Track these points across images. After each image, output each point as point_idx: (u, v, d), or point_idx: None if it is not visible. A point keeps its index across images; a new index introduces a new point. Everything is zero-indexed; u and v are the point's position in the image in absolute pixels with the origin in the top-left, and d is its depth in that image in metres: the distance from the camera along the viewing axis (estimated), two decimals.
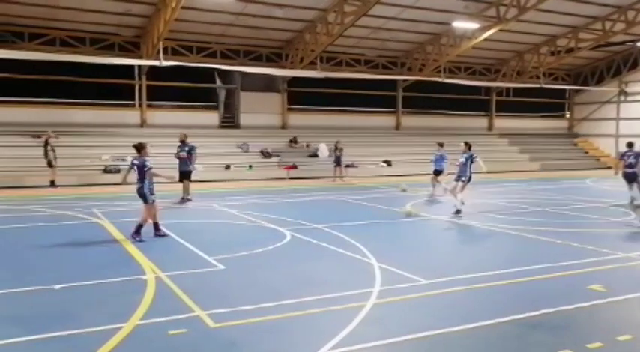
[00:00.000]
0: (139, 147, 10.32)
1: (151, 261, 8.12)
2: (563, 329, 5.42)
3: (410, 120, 31.55)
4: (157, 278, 7.17)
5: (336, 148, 23.34)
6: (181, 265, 7.89)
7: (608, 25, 26.11)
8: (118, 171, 21.32)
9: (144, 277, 7.25)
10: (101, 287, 6.87)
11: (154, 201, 10.11)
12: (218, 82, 27.92)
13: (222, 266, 7.87)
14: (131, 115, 25.19)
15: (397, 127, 31.26)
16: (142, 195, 10.08)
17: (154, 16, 21.53)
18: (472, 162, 13.32)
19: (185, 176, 15.73)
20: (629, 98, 32.84)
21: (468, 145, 13.73)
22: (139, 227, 9.91)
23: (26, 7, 20.26)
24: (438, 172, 17.03)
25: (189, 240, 9.68)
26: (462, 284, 6.92)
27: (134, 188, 10.19)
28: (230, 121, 27.61)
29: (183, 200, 15.46)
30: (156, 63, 22.15)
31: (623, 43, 28.29)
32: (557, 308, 5.95)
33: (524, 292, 6.70)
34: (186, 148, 16.05)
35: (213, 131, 26.56)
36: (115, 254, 8.85)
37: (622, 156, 14.23)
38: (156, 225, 10.27)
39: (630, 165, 13.69)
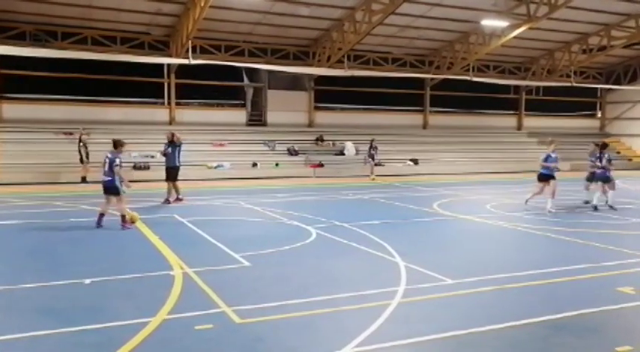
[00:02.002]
0: (117, 144, 10.99)
1: (178, 256, 8.27)
2: (591, 331, 5.34)
3: (437, 119, 31.29)
4: (184, 274, 7.29)
5: (372, 146, 23.29)
6: (208, 261, 8.01)
7: None
8: (147, 168, 21.73)
9: (171, 273, 7.39)
10: (130, 282, 7.03)
11: (124, 192, 10.92)
12: (245, 80, 28.15)
13: (248, 263, 7.96)
14: (160, 113, 25.60)
15: (424, 126, 31.03)
16: (113, 188, 10.80)
17: (183, 15, 21.83)
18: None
19: (172, 175, 14.71)
20: None
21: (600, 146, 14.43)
22: (123, 217, 10.75)
23: (63, 7, 20.80)
24: (546, 177, 14.09)
25: (215, 237, 9.81)
26: (488, 285, 6.87)
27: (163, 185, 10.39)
28: (257, 119, 27.81)
29: (168, 201, 14.46)
30: (185, 61, 22.48)
31: None
32: (584, 311, 5.87)
33: (551, 293, 6.62)
34: (175, 146, 14.83)
35: (241, 129, 26.81)
36: (143, 250, 9.02)
37: None
38: (123, 217, 10.83)
39: None
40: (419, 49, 28.34)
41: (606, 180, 14.33)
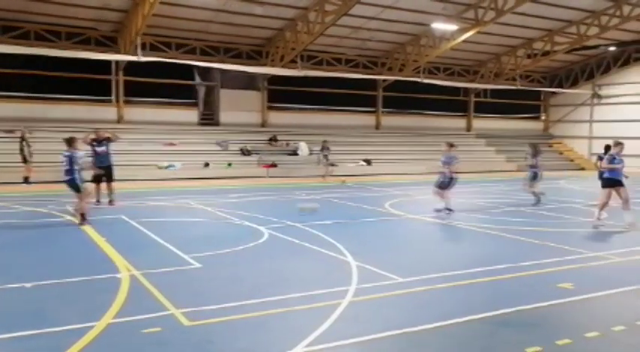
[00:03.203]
0: (71, 140, 11.00)
1: (125, 259, 8.05)
2: (533, 326, 5.54)
3: (390, 120, 31.76)
4: (132, 277, 7.11)
5: (324, 147, 23.41)
6: (157, 263, 7.83)
7: (582, 29, 26.65)
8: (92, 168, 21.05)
9: (118, 275, 7.19)
10: (73, 286, 6.79)
11: (85, 188, 11.00)
12: (197, 79, 27.74)
13: (198, 264, 7.84)
14: (108, 111, 24.89)
15: (377, 127, 31.43)
16: (74, 186, 10.81)
17: (132, 11, 21.28)
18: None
19: (109, 174, 14.20)
20: (603, 101, 33.55)
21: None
22: (82, 215, 10.84)
23: None
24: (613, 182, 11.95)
25: (165, 238, 9.61)
26: (437, 283, 7.01)
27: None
28: (209, 119, 27.45)
29: (109, 202, 13.95)
30: (134, 58, 21.93)
31: (596, 46, 28.86)
32: (527, 306, 6.07)
33: (497, 290, 6.82)
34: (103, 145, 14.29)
35: (192, 128, 26.40)
36: (88, 252, 8.74)
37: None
38: (82, 216, 10.81)
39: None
40: (371, 51, 28.68)
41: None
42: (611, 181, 11.45)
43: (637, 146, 31.29)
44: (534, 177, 15.27)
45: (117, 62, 24.30)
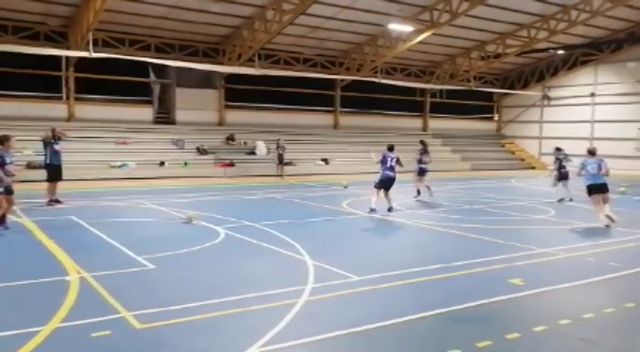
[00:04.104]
0: (3, 140, 10.21)
1: (74, 261, 7.79)
2: (485, 321, 5.67)
3: (348, 120, 31.95)
4: (81, 279, 6.89)
5: (278, 146, 23.35)
6: (108, 265, 7.61)
7: (532, 32, 27.51)
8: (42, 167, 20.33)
9: (67, 278, 6.95)
10: (20, 289, 6.53)
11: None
12: (152, 77, 27.16)
13: (151, 266, 7.67)
14: (58, 109, 24.05)
15: (335, 126, 31.56)
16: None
17: (83, 5, 20.62)
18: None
19: (59, 174, 13.94)
20: (552, 102, 34.71)
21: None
22: (3, 217, 10.11)
23: None
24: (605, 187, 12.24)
25: (117, 239, 9.37)
26: (392, 281, 7.09)
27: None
28: (165, 117, 26.93)
29: (52, 202, 13.57)
30: (85, 54, 21.23)
31: (546, 50, 29.85)
32: (479, 302, 6.21)
33: (450, 287, 6.95)
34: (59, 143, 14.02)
35: (147, 126, 25.84)
36: (36, 254, 8.42)
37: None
38: (2, 217, 10.20)
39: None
40: (329, 51, 28.77)
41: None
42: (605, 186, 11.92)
43: (582, 146, 32.59)
44: (421, 172, 16.54)
45: (67, 58, 23.53)
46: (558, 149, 17.04)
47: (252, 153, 26.20)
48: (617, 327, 5.71)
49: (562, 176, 16.23)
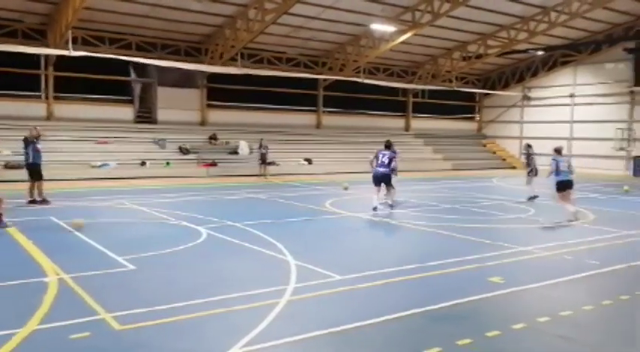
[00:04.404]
0: None
1: (53, 262, 7.68)
2: (465, 319, 5.72)
3: (330, 120, 32.00)
4: (60, 281, 6.79)
5: (261, 146, 23.28)
6: (88, 266, 7.52)
7: (513, 33, 27.82)
8: (22, 167, 20.00)
9: (45, 279, 6.85)
10: None
11: None
12: (133, 75, 26.90)
13: (132, 267, 7.60)
14: (37, 107, 23.70)
15: (318, 126, 31.58)
16: None
17: (61, 3, 20.35)
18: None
19: (39, 173, 13.83)
20: (532, 103, 35.14)
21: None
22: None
23: None
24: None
25: (97, 240, 9.26)
26: (374, 280, 7.12)
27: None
28: (146, 116, 26.68)
29: (35, 201, 13.51)
30: (64, 52, 20.95)
31: (526, 51, 30.21)
32: (460, 300, 6.27)
33: (430, 285, 7.00)
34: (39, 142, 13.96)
35: (128, 126, 25.59)
36: (14, 256, 8.28)
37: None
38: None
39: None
40: (312, 50, 28.77)
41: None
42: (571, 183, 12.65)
43: (564, 146, 33.12)
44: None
45: (46, 56, 23.19)
46: (529, 146, 17.37)
47: (235, 152, 26.10)
48: (594, 324, 5.81)
49: (529, 172, 16.47)
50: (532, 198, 16.11)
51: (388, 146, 14.02)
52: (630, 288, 6.97)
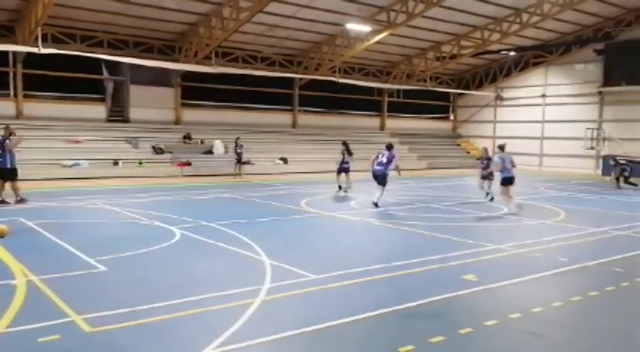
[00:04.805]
0: None
1: (22, 263, 7.50)
2: (438, 317, 5.77)
3: (306, 119, 31.98)
4: (29, 283, 6.64)
5: (237, 145, 23.10)
6: (57, 267, 7.37)
7: (486, 34, 28.21)
8: None
9: (13, 282, 6.68)
10: None
11: None
12: (105, 74, 26.45)
13: (103, 268, 7.47)
14: (5, 106, 23.12)
15: (293, 125, 31.53)
16: None
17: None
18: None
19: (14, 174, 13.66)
20: (505, 103, 35.68)
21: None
22: None
23: None
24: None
25: (68, 241, 9.07)
26: (349, 279, 7.13)
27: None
28: (118, 115, 26.26)
29: (4, 202, 13.33)
30: (34, 50, 20.44)
31: (498, 51, 30.67)
32: (434, 298, 6.33)
33: (405, 284, 7.05)
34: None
35: (100, 125, 25.17)
36: None
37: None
38: None
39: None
40: (288, 49, 28.70)
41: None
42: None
43: (533, 145, 33.76)
44: (341, 171, 17.12)
45: (15, 53, 22.64)
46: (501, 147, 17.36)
47: (210, 152, 25.88)
48: (564, 320, 5.92)
49: (488, 175, 16.14)
50: (490, 197, 15.87)
51: (389, 148, 14.86)
52: (599, 284, 7.12)
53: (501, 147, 14.45)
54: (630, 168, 21.65)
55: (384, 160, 14.40)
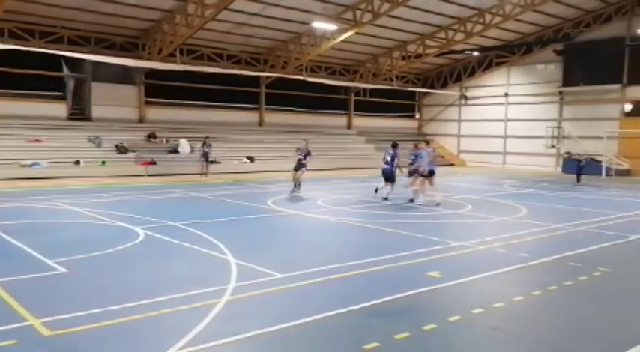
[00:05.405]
0: None
1: None
2: (403, 313, 5.84)
3: (273, 117, 31.87)
4: None
5: (204, 143, 22.81)
6: (15, 270, 7.14)
7: (450, 34, 28.65)
8: None
9: None
10: None
11: None
12: (66, 71, 25.77)
13: (64, 270, 7.28)
14: None
15: (260, 124, 31.38)
16: None
17: None
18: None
19: None
20: (469, 102, 36.33)
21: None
22: None
23: None
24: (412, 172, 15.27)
25: (26, 242, 8.81)
26: (314, 277, 7.14)
27: None
28: (80, 113, 25.64)
29: None
30: None
31: (462, 51, 31.20)
32: (399, 295, 6.39)
33: (370, 281, 7.10)
34: None
35: (61, 123, 24.53)
36: None
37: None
38: None
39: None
40: (254, 47, 28.54)
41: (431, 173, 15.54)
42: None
43: (497, 143, 34.48)
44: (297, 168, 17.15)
45: None
46: (427, 142, 17.65)
47: (175, 151, 25.52)
48: (524, 314, 6.06)
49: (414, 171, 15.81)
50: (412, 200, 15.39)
51: (394, 146, 15.73)
52: (558, 279, 7.32)
53: (427, 142, 15.70)
54: (584, 165, 22.38)
55: (389, 158, 15.40)
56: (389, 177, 15.37)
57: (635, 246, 9.94)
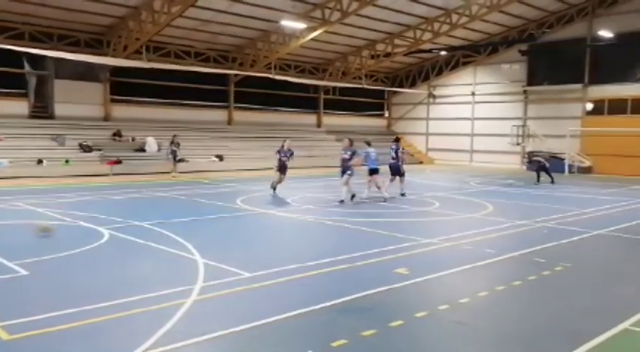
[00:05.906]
0: None
1: None
2: (370, 310, 5.87)
3: (242, 116, 31.64)
4: None
5: (173, 142, 22.40)
6: None
7: (418, 33, 28.94)
8: None
9: None
10: None
11: None
12: (27, 67, 25.03)
13: (24, 272, 7.08)
14: None
15: (229, 122, 31.12)
16: None
17: None
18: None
19: None
20: (437, 100, 36.78)
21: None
22: None
23: None
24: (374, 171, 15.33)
25: None
26: (283, 276, 7.12)
27: None
28: (42, 111, 24.94)
29: None
30: None
31: (430, 50, 31.56)
32: (366, 292, 6.43)
33: (338, 279, 7.12)
34: None
35: (22, 121, 23.82)
36: None
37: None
38: None
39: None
40: (222, 45, 28.27)
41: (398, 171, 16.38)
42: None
43: (464, 142, 35.02)
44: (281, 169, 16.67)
45: None
46: (397, 140, 17.68)
47: (142, 149, 25.08)
48: (488, 309, 6.17)
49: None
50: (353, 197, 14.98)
51: (396, 141, 16.73)
52: (522, 274, 7.48)
53: (368, 143, 15.93)
54: (548, 166, 22.13)
55: (393, 154, 16.12)
56: (396, 171, 15.90)
57: (596, 242, 10.23)
